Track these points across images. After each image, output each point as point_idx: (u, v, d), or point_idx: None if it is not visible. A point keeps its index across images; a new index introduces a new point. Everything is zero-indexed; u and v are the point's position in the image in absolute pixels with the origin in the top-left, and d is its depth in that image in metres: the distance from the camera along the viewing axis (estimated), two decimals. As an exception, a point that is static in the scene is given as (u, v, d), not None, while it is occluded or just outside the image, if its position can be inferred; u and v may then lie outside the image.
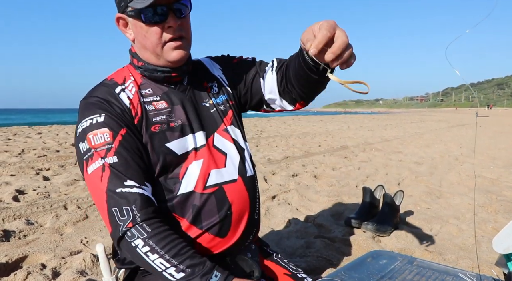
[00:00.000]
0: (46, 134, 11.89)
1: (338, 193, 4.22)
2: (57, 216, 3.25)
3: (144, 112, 1.18)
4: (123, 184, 1.05)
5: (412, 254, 2.58)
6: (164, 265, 1.00)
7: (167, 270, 1.00)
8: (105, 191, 1.05)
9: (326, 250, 2.60)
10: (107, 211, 1.04)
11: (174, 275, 1.00)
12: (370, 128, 16.19)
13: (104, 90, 1.18)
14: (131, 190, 1.05)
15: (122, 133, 1.11)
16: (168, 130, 1.18)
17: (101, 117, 1.11)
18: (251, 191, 1.29)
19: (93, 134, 1.10)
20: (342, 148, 8.52)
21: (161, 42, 1.14)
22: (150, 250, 1.01)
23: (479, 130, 14.96)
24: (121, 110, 1.14)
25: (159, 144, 1.16)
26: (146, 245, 1.01)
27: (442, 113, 49.50)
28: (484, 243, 2.77)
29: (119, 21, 1.20)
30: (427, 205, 3.83)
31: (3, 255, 2.43)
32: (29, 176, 4.96)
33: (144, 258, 1.01)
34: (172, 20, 1.12)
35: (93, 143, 1.09)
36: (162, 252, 1.01)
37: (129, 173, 1.07)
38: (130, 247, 1.03)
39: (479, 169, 5.90)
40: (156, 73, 1.21)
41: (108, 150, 1.08)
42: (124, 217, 1.03)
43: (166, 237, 1.03)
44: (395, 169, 5.83)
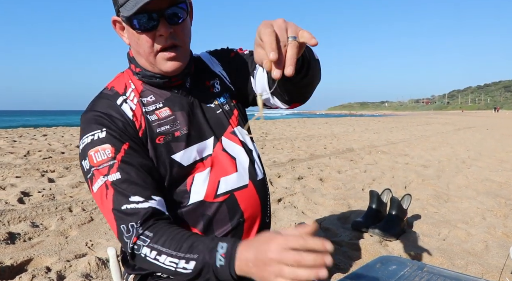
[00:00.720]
0: (51, 135, 11.93)
1: (344, 197, 4.19)
2: (62, 219, 3.25)
3: (147, 123, 1.13)
4: (128, 200, 1.02)
5: (420, 259, 2.55)
6: (174, 263, 0.95)
7: (179, 265, 0.95)
8: (111, 210, 1.02)
9: (333, 255, 2.57)
10: (117, 229, 1.02)
11: (187, 268, 0.94)
12: (375, 130, 16.12)
13: (105, 103, 1.13)
14: (137, 206, 1.02)
15: (125, 147, 1.07)
16: (173, 140, 1.14)
17: (102, 132, 1.07)
18: (262, 195, 1.26)
19: (94, 150, 1.06)
20: (348, 150, 8.47)
21: (153, 51, 1.08)
22: (157, 253, 0.97)
23: (486, 133, 14.86)
24: (124, 123, 1.10)
25: (165, 156, 1.12)
26: (152, 250, 0.98)
27: (448, 116, 49.21)
28: (494, 248, 2.73)
29: (116, 24, 1.15)
30: (434, 209, 3.78)
31: (8, 258, 2.42)
32: (34, 178, 4.97)
33: (157, 264, 0.98)
34: (163, 28, 1.04)
35: (95, 161, 1.05)
36: (167, 250, 0.97)
37: (133, 189, 1.03)
38: (141, 259, 1.00)
39: (487, 172, 5.84)
40: (155, 79, 1.16)
41: (110, 166, 1.04)
42: (129, 233, 1.00)
43: (167, 234, 1.00)
44: (401, 172, 5.78)
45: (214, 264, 0.90)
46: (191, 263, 0.93)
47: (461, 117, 43.16)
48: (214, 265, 0.90)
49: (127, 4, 1.03)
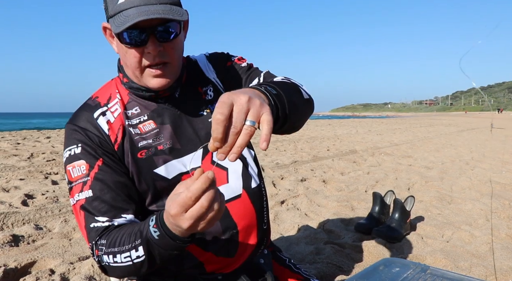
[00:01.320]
0: (54, 138, 11.97)
1: (347, 198, 4.18)
2: (65, 221, 3.26)
3: (129, 137, 1.11)
4: (95, 219, 1.04)
5: (424, 261, 2.54)
6: (128, 256, 0.95)
7: (132, 256, 0.95)
8: (84, 227, 1.05)
9: (336, 257, 2.57)
10: (89, 246, 1.05)
11: (139, 255, 0.94)
12: (378, 132, 16.09)
13: (84, 117, 1.12)
14: (102, 224, 1.03)
15: (99, 164, 1.07)
16: (155, 154, 1.12)
17: (78, 148, 1.08)
18: (258, 203, 1.23)
19: (72, 166, 1.08)
20: (351, 152, 8.46)
21: (140, 66, 1.06)
22: (113, 256, 0.98)
23: (490, 134, 14.80)
24: (100, 138, 1.09)
25: (147, 170, 1.10)
26: (109, 255, 0.99)
27: (451, 117, 49.08)
28: (498, 250, 2.72)
29: (106, 30, 1.11)
30: (438, 210, 3.77)
31: (12, 260, 2.43)
32: (38, 180, 4.99)
33: (118, 266, 0.98)
34: (152, 45, 1.01)
35: (72, 176, 1.07)
36: (119, 248, 0.97)
37: (102, 208, 1.04)
38: (110, 268, 1.02)
39: (491, 174, 5.81)
40: (141, 91, 1.14)
41: (84, 183, 1.05)
42: (93, 250, 1.03)
43: (115, 235, 1.00)
44: (405, 174, 5.77)
45: (153, 238, 0.89)
46: (139, 248, 0.93)
47: (464, 118, 43.05)
48: (153, 238, 0.90)
49: (116, 19, 1.00)
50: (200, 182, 0.76)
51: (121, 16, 0.99)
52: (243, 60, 1.31)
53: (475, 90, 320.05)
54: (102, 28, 1.12)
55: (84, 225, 1.05)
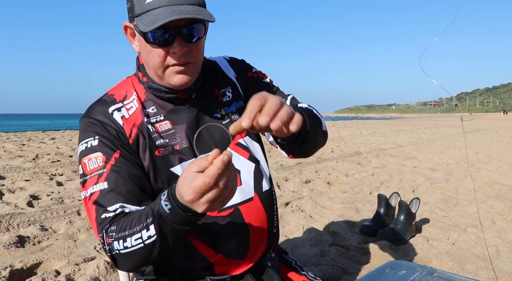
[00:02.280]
0: (59, 139, 12.03)
1: (352, 200, 4.17)
2: (70, 222, 3.27)
3: (147, 134, 1.12)
4: (107, 210, 1.02)
5: (430, 263, 2.53)
6: (139, 237, 0.93)
7: (143, 237, 0.92)
8: (95, 219, 1.03)
9: (341, 259, 2.56)
10: (99, 238, 1.03)
11: (151, 235, 0.91)
12: (383, 133, 16.05)
13: (100, 110, 1.13)
14: (114, 213, 1.02)
15: (116, 156, 1.06)
16: (172, 153, 1.12)
17: (95, 140, 1.08)
18: (268, 207, 1.24)
19: (88, 158, 1.07)
20: (355, 154, 8.44)
21: (163, 66, 1.06)
22: (123, 240, 0.95)
23: (496, 136, 14.72)
24: (117, 131, 1.09)
25: (163, 169, 1.10)
26: (119, 240, 0.96)
27: (456, 118, 48.87)
28: (505, 253, 2.70)
29: (127, 29, 1.12)
30: (443, 212, 3.75)
31: (18, 261, 2.44)
32: (43, 181, 5.01)
33: (129, 253, 0.95)
34: (178, 45, 1.02)
35: (87, 169, 1.06)
36: (129, 232, 0.95)
37: (117, 199, 1.03)
38: (119, 256, 0.98)
39: (497, 175, 5.78)
40: (160, 92, 1.14)
41: (100, 175, 1.04)
42: (104, 239, 1.01)
43: (124, 220, 0.98)
44: (409, 176, 5.74)
45: (164, 212, 0.87)
46: (151, 227, 0.91)
47: (469, 119, 42.85)
48: (164, 212, 0.87)
49: (144, 18, 1.00)
50: (216, 167, 0.76)
51: (150, 15, 0.99)
52: (265, 76, 1.33)
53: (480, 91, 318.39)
54: (123, 27, 1.12)
55: (95, 217, 1.03)
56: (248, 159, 1.22)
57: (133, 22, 1.06)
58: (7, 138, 11.96)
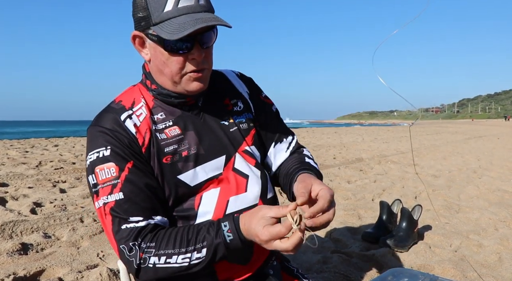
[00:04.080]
0: (62, 146, 12.07)
1: (354, 207, 4.17)
2: (73, 230, 3.28)
3: (155, 141, 1.12)
4: (127, 220, 1.03)
5: (432, 271, 2.52)
6: (187, 257, 1.01)
7: (192, 258, 1.01)
8: (111, 230, 1.03)
9: (343, 266, 2.56)
10: (117, 249, 1.04)
11: (200, 257, 1.01)
12: (385, 140, 16.04)
13: (110, 118, 1.12)
14: (136, 225, 1.03)
15: (129, 166, 1.06)
16: (180, 160, 1.13)
17: (107, 150, 1.07)
18: None
19: (100, 168, 1.06)
20: (357, 160, 8.44)
21: (181, 73, 1.09)
22: (167, 257, 1.01)
23: (498, 142, 14.70)
24: (129, 140, 1.09)
25: (170, 176, 1.11)
26: (161, 256, 1.01)
27: (458, 125, 48.78)
28: (508, 260, 2.69)
29: (136, 39, 1.12)
30: (446, 219, 3.75)
31: (22, 269, 2.45)
32: (46, 188, 5.03)
33: (169, 268, 1.01)
34: (197, 52, 1.06)
35: (100, 178, 1.06)
36: (175, 250, 1.01)
37: (134, 209, 1.04)
38: (150, 270, 1.02)
39: (499, 182, 5.77)
40: (170, 98, 1.16)
41: (114, 186, 1.04)
42: (132, 252, 1.02)
43: (167, 237, 1.03)
44: (411, 182, 5.74)
45: (225, 241, 1.00)
46: (203, 250, 1.01)
47: (471, 126, 42.79)
48: (225, 241, 1.00)
49: (165, 26, 1.02)
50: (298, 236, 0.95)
51: (172, 23, 1.01)
52: (272, 103, 1.41)
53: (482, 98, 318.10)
54: (131, 37, 1.12)
55: (111, 228, 1.03)
56: (255, 166, 1.24)
57: (147, 30, 1.07)
58: (11, 145, 12.00)
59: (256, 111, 1.34)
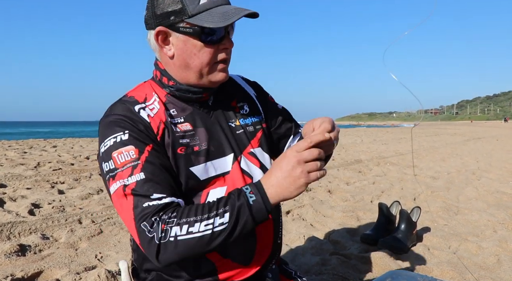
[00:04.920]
0: (61, 147, 12.05)
1: (353, 209, 4.17)
2: (72, 231, 3.27)
3: (171, 132, 1.13)
4: (150, 198, 1.00)
5: (430, 273, 2.52)
6: (210, 223, 0.96)
7: (215, 224, 0.96)
8: (133, 210, 1.00)
9: (342, 268, 2.56)
10: (137, 230, 0.98)
11: (223, 222, 0.97)
12: (384, 141, 16.04)
13: (124, 108, 1.13)
14: (159, 202, 1.00)
15: (148, 149, 1.06)
16: (192, 153, 1.14)
17: (124, 134, 1.06)
18: (275, 216, 1.27)
19: (118, 152, 1.04)
20: (356, 162, 8.44)
21: (211, 63, 1.13)
22: (189, 225, 0.96)
23: (497, 144, 14.72)
24: (145, 126, 1.09)
25: (184, 167, 1.12)
26: (183, 225, 0.96)
27: (457, 126, 48.86)
28: (506, 262, 2.69)
29: (159, 35, 1.12)
30: (444, 221, 3.75)
31: (19, 270, 2.44)
32: (45, 189, 5.02)
33: (191, 239, 0.96)
34: (228, 42, 1.13)
35: (118, 162, 1.04)
36: (198, 217, 0.97)
37: (156, 188, 1.02)
38: (171, 245, 0.96)
39: (498, 184, 5.78)
40: (188, 93, 1.18)
41: (134, 167, 1.03)
42: (154, 226, 0.97)
43: (189, 208, 1.00)
44: (410, 184, 5.74)
45: (247, 202, 0.98)
46: (226, 215, 0.97)
47: (470, 127, 42.85)
48: (247, 203, 0.98)
49: (205, 16, 1.06)
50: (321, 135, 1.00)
51: (209, 14, 1.07)
52: (277, 103, 1.45)
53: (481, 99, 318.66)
54: (154, 34, 1.12)
55: (132, 208, 1.00)
56: (259, 168, 1.26)
57: (179, 24, 1.09)
58: (9, 146, 11.99)
59: (266, 113, 1.37)
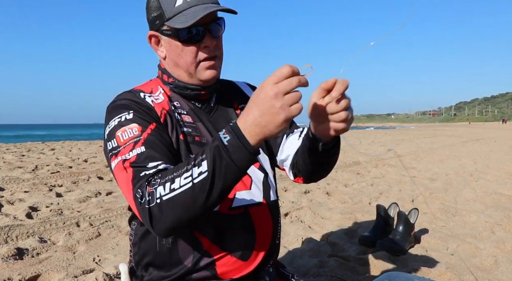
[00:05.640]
0: (59, 150, 12.03)
1: (351, 211, 4.17)
2: (69, 234, 3.26)
3: (174, 118, 1.19)
4: (146, 167, 1.00)
5: (428, 274, 2.52)
6: (189, 175, 0.91)
7: (194, 174, 0.90)
8: (131, 181, 1.00)
9: (340, 270, 2.56)
10: (134, 199, 0.97)
11: (202, 171, 0.90)
12: (382, 143, 16.06)
13: (130, 94, 1.21)
14: (154, 170, 1.00)
15: (152, 127, 1.10)
16: (193, 142, 1.18)
17: (129, 114, 1.11)
18: (275, 216, 1.29)
19: (122, 130, 1.08)
20: (355, 163, 8.45)
21: (195, 62, 1.17)
22: (171, 182, 0.92)
23: (494, 145, 14.75)
24: (149, 108, 1.16)
25: (184, 152, 1.15)
26: (165, 183, 0.93)
27: (455, 128, 48.97)
28: (504, 263, 2.69)
29: (152, 38, 1.22)
30: (442, 223, 3.75)
31: (17, 274, 2.43)
32: (42, 192, 5.01)
33: (174, 197, 0.92)
34: (209, 40, 1.15)
35: (121, 140, 1.06)
36: (177, 173, 0.93)
37: (154, 157, 1.03)
38: (159, 206, 0.93)
39: (496, 185, 5.79)
40: (186, 90, 1.23)
41: (136, 142, 1.05)
42: (143, 192, 0.95)
43: (171, 169, 0.97)
44: (408, 186, 5.75)
45: (222, 144, 0.89)
46: (203, 163, 0.90)
47: (468, 129, 42.93)
48: (222, 144, 0.89)
49: (178, 18, 1.11)
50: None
51: (183, 16, 1.10)
52: None
53: (479, 101, 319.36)
54: (147, 37, 1.23)
55: (131, 179, 1.00)
56: (258, 169, 1.28)
57: (162, 27, 1.16)
58: (7, 149, 11.96)
59: None
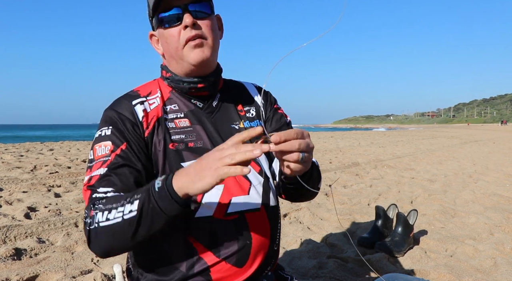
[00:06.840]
0: (57, 150, 12.01)
1: (350, 212, 4.16)
2: (68, 234, 3.25)
3: (164, 128, 1.19)
4: (98, 191, 1.07)
5: (427, 276, 2.52)
6: (121, 211, 0.97)
7: (125, 211, 0.96)
8: (88, 199, 1.08)
9: (339, 271, 2.55)
10: (85, 212, 1.07)
11: (132, 210, 0.95)
12: (381, 144, 16.07)
13: (123, 103, 1.21)
14: (104, 195, 1.06)
15: (123, 147, 1.13)
16: (186, 149, 1.18)
17: (108, 130, 1.15)
18: (273, 222, 1.27)
19: (98, 145, 1.14)
20: (353, 165, 8.44)
21: (181, 45, 1.16)
22: (108, 212, 0.99)
23: (493, 147, 14.76)
24: (133, 124, 1.17)
25: (174, 163, 1.16)
26: (104, 211, 1.00)
27: (454, 129, 49.02)
28: (503, 265, 2.69)
29: (152, 38, 1.27)
30: (441, 224, 3.75)
31: (15, 274, 2.42)
32: (41, 193, 5.00)
33: (108, 225, 0.98)
34: (188, 18, 1.14)
35: (96, 154, 1.13)
36: (117, 204, 0.99)
37: (108, 183, 1.08)
38: (96, 230, 1.00)
39: (494, 187, 5.79)
40: (182, 83, 1.23)
41: (104, 162, 1.11)
42: (87, 213, 1.04)
43: (120, 195, 1.04)
44: (407, 187, 5.75)
45: (153, 189, 0.93)
46: (135, 202, 0.95)
47: (467, 130, 42.97)
48: (153, 190, 0.93)
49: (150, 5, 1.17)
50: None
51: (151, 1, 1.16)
52: (286, 115, 1.46)
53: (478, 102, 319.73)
54: (149, 37, 1.28)
55: (88, 197, 1.08)
56: (259, 173, 1.26)
57: (153, 22, 1.23)
58: (5, 149, 11.94)
59: (267, 118, 1.39)
